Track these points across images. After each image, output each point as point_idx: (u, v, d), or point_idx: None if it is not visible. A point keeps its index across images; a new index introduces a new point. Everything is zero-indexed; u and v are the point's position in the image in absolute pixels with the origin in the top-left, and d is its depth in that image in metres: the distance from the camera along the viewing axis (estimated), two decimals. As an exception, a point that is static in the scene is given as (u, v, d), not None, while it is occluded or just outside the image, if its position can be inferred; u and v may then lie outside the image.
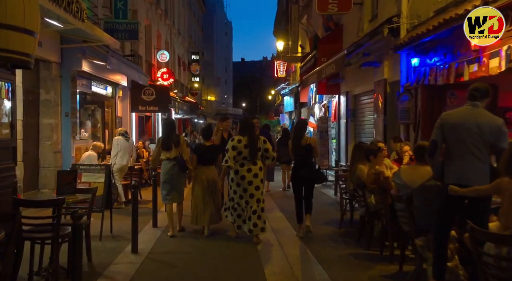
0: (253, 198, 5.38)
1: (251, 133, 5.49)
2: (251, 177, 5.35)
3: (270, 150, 5.55)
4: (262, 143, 5.48)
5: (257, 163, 5.41)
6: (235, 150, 5.34)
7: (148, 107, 13.65)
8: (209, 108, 50.72)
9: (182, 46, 25.79)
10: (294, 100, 21.51)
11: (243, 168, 5.36)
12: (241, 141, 5.38)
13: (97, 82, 10.91)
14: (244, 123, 5.71)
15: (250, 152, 5.35)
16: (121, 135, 8.30)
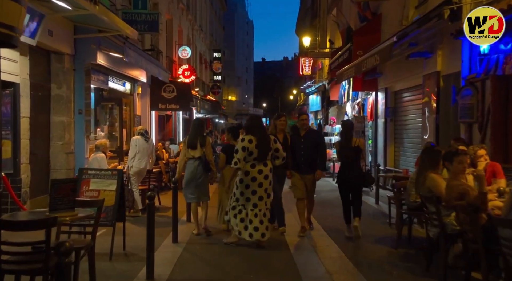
0: (262, 201, 5.18)
1: (261, 132, 5.27)
2: (261, 178, 5.13)
3: (280, 149, 5.38)
4: (272, 142, 5.31)
5: (267, 164, 5.21)
6: (245, 151, 5.09)
7: (169, 106, 12.82)
8: (229, 108, 50.11)
9: (204, 43, 25.01)
10: (321, 99, 20.36)
11: (254, 169, 5.12)
12: (252, 140, 5.12)
13: (115, 77, 10.12)
14: (252, 121, 5.48)
15: (262, 153, 5.12)
16: (140, 135, 7.44)
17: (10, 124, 6.16)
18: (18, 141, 6.25)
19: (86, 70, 8.10)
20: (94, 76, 8.69)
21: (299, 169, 5.93)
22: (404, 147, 10.14)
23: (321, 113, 20.95)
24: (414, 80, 9.02)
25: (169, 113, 15.98)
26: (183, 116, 18.29)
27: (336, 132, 14.42)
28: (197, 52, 22.09)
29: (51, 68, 7.70)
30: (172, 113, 16.33)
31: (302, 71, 23.14)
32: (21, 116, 6.33)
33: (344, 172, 5.90)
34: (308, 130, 6.17)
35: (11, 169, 6.16)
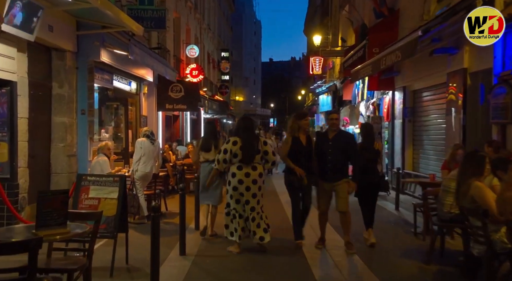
0: (248, 205, 5.03)
1: (248, 134, 5.08)
2: (249, 182, 4.96)
3: (270, 153, 5.15)
4: (262, 144, 5.09)
5: (256, 168, 5.03)
6: (227, 153, 5.01)
7: (176, 106, 12.39)
8: (237, 109, 49.70)
9: (212, 42, 24.59)
10: (332, 98, 19.84)
11: (241, 172, 4.97)
12: (236, 142, 5.00)
13: (120, 76, 9.70)
14: (240, 123, 5.35)
15: (246, 155, 4.95)
16: (145, 136, 7.00)
17: (6, 126, 5.75)
18: (15, 143, 5.84)
19: (89, 68, 7.67)
20: (97, 75, 8.27)
21: (325, 177, 5.20)
22: (424, 149, 9.59)
23: (332, 113, 20.40)
24: (436, 78, 8.47)
25: (176, 113, 15.56)
26: (190, 117, 17.86)
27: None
28: (205, 51, 21.68)
29: (52, 66, 7.28)
30: (180, 113, 15.90)
31: (312, 71, 22.67)
32: (19, 116, 5.91)
33: (363, 176, 5.40)
34: (338, 132, 5.37)
35: (8, 173, 5.75)
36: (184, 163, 10.67)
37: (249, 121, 5.42)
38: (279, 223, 6.54)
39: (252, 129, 5.28)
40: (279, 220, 6.92)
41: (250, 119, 5.68)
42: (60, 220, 2.70)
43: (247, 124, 5.25)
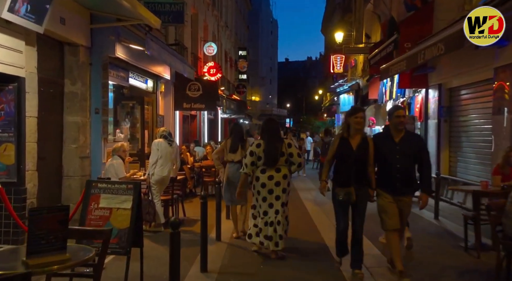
0: (272, 208, 4.88)
1: (271, 135, 4.97)
2: (272, 184, 4.85)
3: (295, 155, 4.94)
4: (286, 147, 4.92)
5: (280, 170, 4.88)
6: (253, 156, 4.91)
7: (194, 105, 11.89)
8: (253, 109, 49.17)
9: (229, 40, 24.08)
10: (354, 98, 19.08)
11: (264, 175, 4.87)
12: (260, 145, 4.92)
13: (136, 73, 9.23)
14: (264, 125, 5.23)
15: (269, 157, 4.84)
16: (162, 137, 6.47)
17: (13, 125, 5.27)
18: (23, 145, 5.36)
19: (103, 64, 7.19)
20: (112, 71, 7.79)
21: (392, 188, 4.17)
22: (462, 152, 8.81)
23: (354, 113, 19.63)
24: (479, 74, 7.71)
25: (193, 113, 15.07)
26: (208, 116, 17.36)
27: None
28: (222, 49, 21.18)
29: (65, 62, 6.81)
30: (197, 113, 15.42)
31: (333, 69, 21.93)
32: (27, 115, 5.44)
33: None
34: (406, 133, 4.29)
35: (15, 177, 5.27)
36: (203, 164, 10.14)
37: (274, 123, 5.24)
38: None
39: (276, 131, 5.09)
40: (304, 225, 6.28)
41: (275, 121, 5.44)
42: (58, 244, 2.13)
43: (271, 126, 5.10)
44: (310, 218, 7.58)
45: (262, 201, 4.90)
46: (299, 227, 6.61)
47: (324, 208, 8.07)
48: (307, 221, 7.32)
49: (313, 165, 17.03)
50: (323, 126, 26.49)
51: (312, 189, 11.47)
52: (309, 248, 5.56)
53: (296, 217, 7.07)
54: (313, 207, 8.77)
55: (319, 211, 8.21)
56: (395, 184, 4.16)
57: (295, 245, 5.60)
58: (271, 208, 4.86)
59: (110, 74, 7.69)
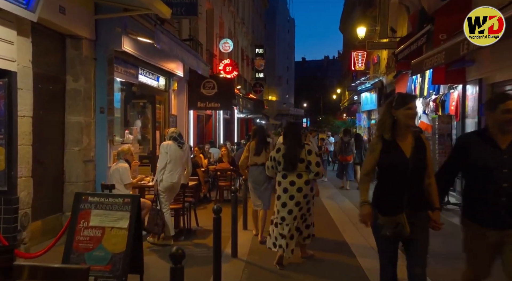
0: (291, 215, 4.72)
1: (292, 141, 4.82)
2: (294, 190, 4.71)
3: (313, 163, 4.70)
4: (306, 153, 4.75)
5: (302, 176, 4.73)
6: (272, 161, 4.88)
7: (209, 104, 11.21)
8: (270, 109, 48.43)
9: (246, 38, 23.37)
10: (377, 96, 18.11)
11: (286, 180, 4.76)
12: (280, 150, 4.84)
13: (146, 70, 8.60)
14: (285, 129, 5.13)
15: (288, 163, 4.73)
16: (172, 139, 5.78)
17: (3, 126, 4.66)
18: (15, 148, 4.75)
19: (109, 59, 6.56)
20: (120, 67, 7.18)
21: (493, 219, 2.82)
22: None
23: (377, 113, 18.68)
24: (530, 67, 6.77)
25: (208, 113, 14.41)
26: (223, 116, 16.69)
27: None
28: (238, 47, 20.49)
29: (66, 56, 6.21)
30: (212, 113, 14.75)
31: (354, 67, 20.99)
32: (20, 115, 4.82)
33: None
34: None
35: (5, 185, 4.66)
36: (217, 168, 9.44)
37: (295, 127, 5.15)
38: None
39: (297, 136, 4.91)
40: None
41: (296, 125, 5.41)
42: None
43: (292, 131, 4.97)
44: (337, 230, 6.77)
45: (281, 207, 4.77)
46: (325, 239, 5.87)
47: (351, 215, 7.28)
48: (334, 232, 6.53)
49: (333, 167, 16.08)
50: (343, 126, 25.44)
51: (336, 193, 10.65)
52: (341, 268, 4.79)
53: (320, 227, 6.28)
54: (339, 214, 7.98)
55: (347, 221, 7.40)
56: (499, 211, 2.79)
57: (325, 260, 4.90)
58: (290, 214, 4.71)
59: (118, 70, 7.08)
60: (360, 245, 5.61)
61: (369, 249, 5.20)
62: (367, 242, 5.46)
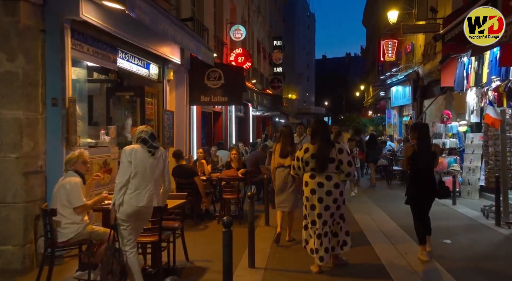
0: (320, 219, 4.41)
1: (320, 140, 4.50)
2: (322, 193, 4.40)
3: (345, 162, 4.40)
4: (336, 152, 4.41)
5: (332, 177, 4.42)
6: (299, 161, 4.56)
7: (214, 98, 9.33)
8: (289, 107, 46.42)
9: (262, 29, 21.40)
10: (412, 89, 15.83)
11: (314, 181, 4.45)
12: (308, 149, 4.52)
13: (130, 54, 6.77)
14: (314, 127, 4.76)
15: (318, 163, 4.42)
16: (140, 142, 3.87)
17: None
18: None
19: (60, 30, 4.74)
20: (88, 46, 5.39)
21: None
22: None
23: (412, 107, 16.40)
24: None
25: (217, 109, 12.53)
26: (236, 114, 14.78)
27: (451, 132, 10.01)
28: (254, 38, 18.55)
29: (-3, 26, 4.44)
30: (222, 109, 12.86)
31: (383, 57, 18.71)
32: None
33: (419, 183, 4.95)
34: None
35: None
36: (222, 176, 7.52)
37: (324, 125, 4.75)
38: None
39: (325, 134, 4.64)
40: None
41: (325, 123, 4.93)
42: None
43: (321, 129, 4.64)
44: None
45: (310, 209, 4.50)
46: None
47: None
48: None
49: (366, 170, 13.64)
50: (370, 124, 23.24)
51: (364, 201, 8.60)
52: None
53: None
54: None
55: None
56: None
57: None
58: (320, 218, 4.44)
59: (86, 51, 5.31)
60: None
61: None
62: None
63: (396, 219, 7.29)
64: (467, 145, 9.54)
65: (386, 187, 11.94)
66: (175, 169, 7.26)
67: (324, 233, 4.41)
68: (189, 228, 6.78)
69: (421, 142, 4.98)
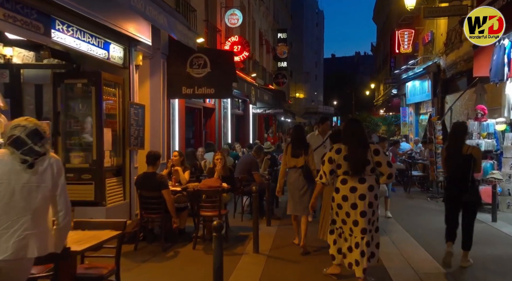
0: (357, 227, 3.97)
1: (356, 139, 4.08)
2: (355, 198, 3.98)
3: (384, 163, 4.02)
4: (372, 154, 4.02)
5: (365, 180, 4.00)
6: (332, 163, 4.13)
7: (198, 90, 7.67)
8: (297, 107, 44.77)
9: (265, 20, 19.70)
10: (433, 83, 14.04)
11: (345, 186, 4.04)
12: (340, 150, 4.10)
13: (75, 26, 5.15)
14: (346, 126, 4.31)
15: (353, 166, 4.00)
16: (11, 145, 2.23)
17: None
18: None
19: None
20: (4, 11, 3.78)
21: None
22: None
23: (431, 104, 14.60)
24: None
25: (209, 105, 10.89)
26: (234, 111, 13.11)
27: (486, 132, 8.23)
28: (255, 29, 16.86)
29: None
30: (216, 104, 11.21)
31: (398, 49, 16.96)
32: None
33: (452, 187, 4.81)
34: None
35: None
36: (202, 187, 5.86)
37: (358, 125, 4.29)
38: None
39: (361, 134, 4.13)
40: None
41: (359, 122, 4.43)
42: None
43: (355, 128, 4.19)
44: None
45: (346, 216, 4.02)
46: None
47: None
48: None
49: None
50: (383, 123, 21.40)
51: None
52: None
53: None
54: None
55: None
56: None
57: None
58: (357, 226, 3.97)
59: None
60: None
61: None
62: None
63: (424, 243, 5.65)
64: (506, 147, 7.83)
65: (405, 195, 10.28)
66: (138, 178, 5.66)
67: (365, 243, 3.94)
68: (153, 257, 5.20)
69: (449, 143, 4.89)
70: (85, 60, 5.98)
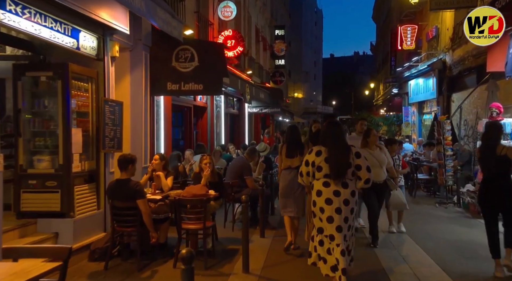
0: (341, 232, 3.77)
1: (337, 141, 3.92)
2: (339, 202, 3.78)
3: (363, 167, 3.84)
4: (353, 156, 3.85)
5: (348, 185, 3.84)
6: (308, 166, 3.95)
7: (185, 86, 6.93)
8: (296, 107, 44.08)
9: (262, 16, 18.96)
10: (438, 81, 13.33)
11: (328, 189, 3.83)
12: (320, 152, 3.91)
13: (34, 8, 4.40)
14: (328, 128, 4.09)
15: (334, 169, 3.81)
16: None
17: None
18: None
19: None
20: None
21: None
22: None
23: (436, 103, 13.89)
24: None
25: (200, 103, 10.15)
26: (228, 110, 12.36)
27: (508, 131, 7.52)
28: (251, 24, 16.12)
29: None
30: (208, 102, 10.46)
31: (401, 45, 16.30)
32: None
33: (486, 189, 4.57)
34: None
35: None
36: (185, 195, 5.11)
37: (338, 126, 4.10)
38: None
39: (341, 136, 4.01)
40: None
41: (339, 124, 4.22)
42: None
43: (335, 130, 4.01)
44: None
45: (327, 222, 3.80)
46: None
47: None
48: None
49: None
50: (385, 123, 20.66)
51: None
52: None
53: None
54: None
55: None
56: None
57: None
58: (340, 232, 3.77)
59: None
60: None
61: None
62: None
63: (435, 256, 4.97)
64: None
65: (410, 199, 9.58)
66: (110, 185, 4.92)
67: (346, 247, 3.77)
68: (125, 278, 4.47)
69: (483, 143, 4.79)
70: (53, 50, 5.25)
